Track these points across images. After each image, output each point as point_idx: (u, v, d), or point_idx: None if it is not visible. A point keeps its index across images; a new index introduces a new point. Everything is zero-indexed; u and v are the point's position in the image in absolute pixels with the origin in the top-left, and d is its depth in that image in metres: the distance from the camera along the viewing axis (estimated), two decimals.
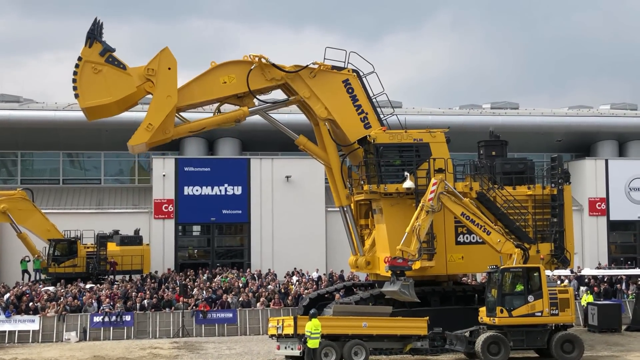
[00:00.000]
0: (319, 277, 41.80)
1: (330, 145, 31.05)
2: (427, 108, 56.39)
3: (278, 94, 31.28)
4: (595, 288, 38.11)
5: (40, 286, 39.48)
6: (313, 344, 24.48)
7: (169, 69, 28.28)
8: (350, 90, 30.42)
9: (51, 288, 38.24)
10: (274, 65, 29.61)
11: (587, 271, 42.02)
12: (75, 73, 27.63)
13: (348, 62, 30.50)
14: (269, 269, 45.29)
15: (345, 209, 31.68)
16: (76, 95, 27.65)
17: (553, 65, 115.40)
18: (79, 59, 27.61)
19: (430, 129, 30.98)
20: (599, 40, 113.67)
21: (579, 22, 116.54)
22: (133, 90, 28.03)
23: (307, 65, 30.10)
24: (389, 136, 30.06)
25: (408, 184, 29.03)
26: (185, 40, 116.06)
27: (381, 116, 30.83)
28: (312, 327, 24.52)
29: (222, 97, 29.69)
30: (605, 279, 41.24)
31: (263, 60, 29.46)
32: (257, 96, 30.16)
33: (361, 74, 30.65)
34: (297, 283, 39.65)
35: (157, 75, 28.07)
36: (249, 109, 29.90)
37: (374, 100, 30.73)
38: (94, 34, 27.78)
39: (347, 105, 30.41)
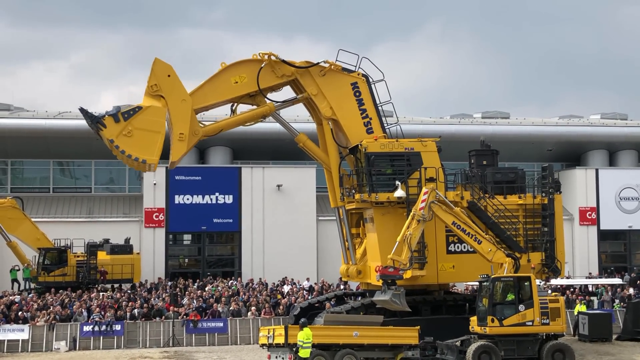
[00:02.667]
0: (311, 287, 41.73)
1: (331, 145, 31.12)
2: (418, 117, 56.46)
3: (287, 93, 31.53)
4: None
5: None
6: (304, 353, 24.40)
7: (169, 76, 28.47)
8: (357, 94, 30.62)
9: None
10: (284, 61, 29.82)
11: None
12: (122, 152, 27.92)
13: (359, 67, 30.70)
14: (260, 278, 45.18)
15: (340, 209, 31.67)
16: (143, 161, 28.09)
17: (543, 75, 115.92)
18: (111, 141, 27.85)
19: (421, 138, 31.04)
20: (589, 51, 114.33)
21: (569, 33, 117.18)
22: (165, 112, 28.27)
23: (318, 63, 30.35)
24: (380, 145, 30.08)
25: (399, 193, 29.06)
26: (176, 50, 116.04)
27: (385, 125, 30.93)
28: (304, 336, 24.45)
29: (234, 97, 29.93)
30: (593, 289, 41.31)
31: (273, 58, 29.68)
32: (269, 94, 30.32)
33: (370, 80, 30.80)
34: (289, 292, 39.54)
35: (162, 88, 28.32)
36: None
37: (379, 107, 30.84)
38: (96, 117, 27.85)
39: (353, 108, 30.57)
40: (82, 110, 28.32)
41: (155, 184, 47.86)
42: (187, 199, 47.90)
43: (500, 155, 33.75)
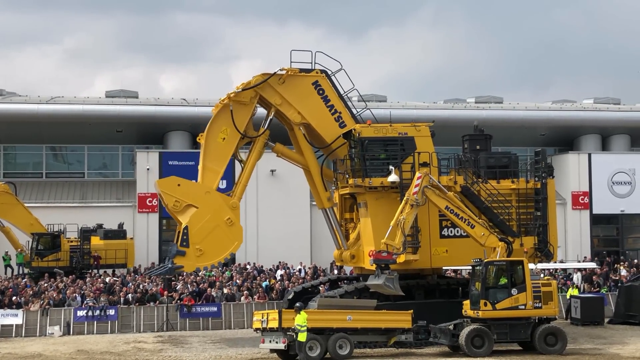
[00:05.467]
0: (305, 271, 41.82)
1: (306, 148, 31.26)
2: (412, 102, 56.48)
3: None
4: None
5: None
6: (303, 337, 24.45)
7: (179, 185, 29.65)
8: (321, 92, 30.53)
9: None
10: (242, 90, 29.85)
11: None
12: (213, 266, 30.76)
13: (315, 63, 30.51)
14: (254, 263, 45.24)
15: (328, 211, 31.73)
16: (232, 254, 30.38)
17: (537, 59, 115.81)
18: (197, 270, 30.54)
19: (415, 122, 31.04)
20: (582, 36, 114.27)
21: (561, 18, 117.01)
22: (204, 211, 29.32)
23: (275, 73, 30.22)
24: (373, 130, 30.12)
25: (393, 177, 29.11)
26: (171, 35, 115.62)
27: (355, 112, 30.95)
28: (302, 320, 24.50)
29: (233, 151, 30.48)
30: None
31: (232, 95, 29.82)
32: (251, 125, 30.86)
33: (329, 72, 30.65)
34: (283, 277, 39.64)
35: (183, 198, 29.37)
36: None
37: (345, 97, 30.81)
38: (172, 268, 29.05)
39: (320, 107, 30.53)
40: (151, 273, 30.33)
41: (148, 169, 47.80)
42: None
43: (493, 140, 33.78)
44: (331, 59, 30.54)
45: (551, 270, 41.00)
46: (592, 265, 43.54)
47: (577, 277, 40.27)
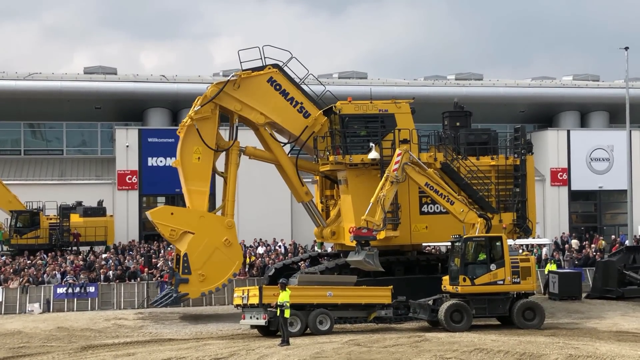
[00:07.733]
0: (285, 248, 41.91)
1: (275, 146, 31.28)
2: (393, 79, 56.40)
3: None
4: None
5: None
6: (288, 313, 24.47)
7: (172, 213, 29.79)
8: (277, 87, 30.41)
9: None
10: (201, 106, 29.71)
11: None
12: (217, 289, 30.04)
13: (265, 58, 30.27)
14: None
15: (307, 204, 31.71)
16: (234, 274, 30.34)
17: (517, 36, 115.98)
18: (203, 294, 30.02)
19: (395, 99, 31.04)
20: (562, 13, 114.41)
21: None
22: (201, 236, 29.38)
23: (228, 80, 30.09)
24: (354, 107, 30.13)
25: (373, 154, 29.17)
26: (149, 10, 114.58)
27: (316, 98, 30.96)
28: (287, 296, 24.53)
29: (211, 167, 30.38)
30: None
31: (192, 114, 29.74)
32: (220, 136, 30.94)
33: (281, 64, 30.51)
34: (265, 254, 39.71)
35: (178, 226, 29.33)
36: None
37: (304, 85, 30.77)
38: (177, 297, 29.20)
39: (280, 102, 30.42)
40: (158, 304, 30.13)
41: (128, 146, 47.54)
42: (161, 161, 47.69)
43: (473, 117, 33.85)
44: (279, 49, 30.39)
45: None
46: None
47: (546, 249, 40.83)
